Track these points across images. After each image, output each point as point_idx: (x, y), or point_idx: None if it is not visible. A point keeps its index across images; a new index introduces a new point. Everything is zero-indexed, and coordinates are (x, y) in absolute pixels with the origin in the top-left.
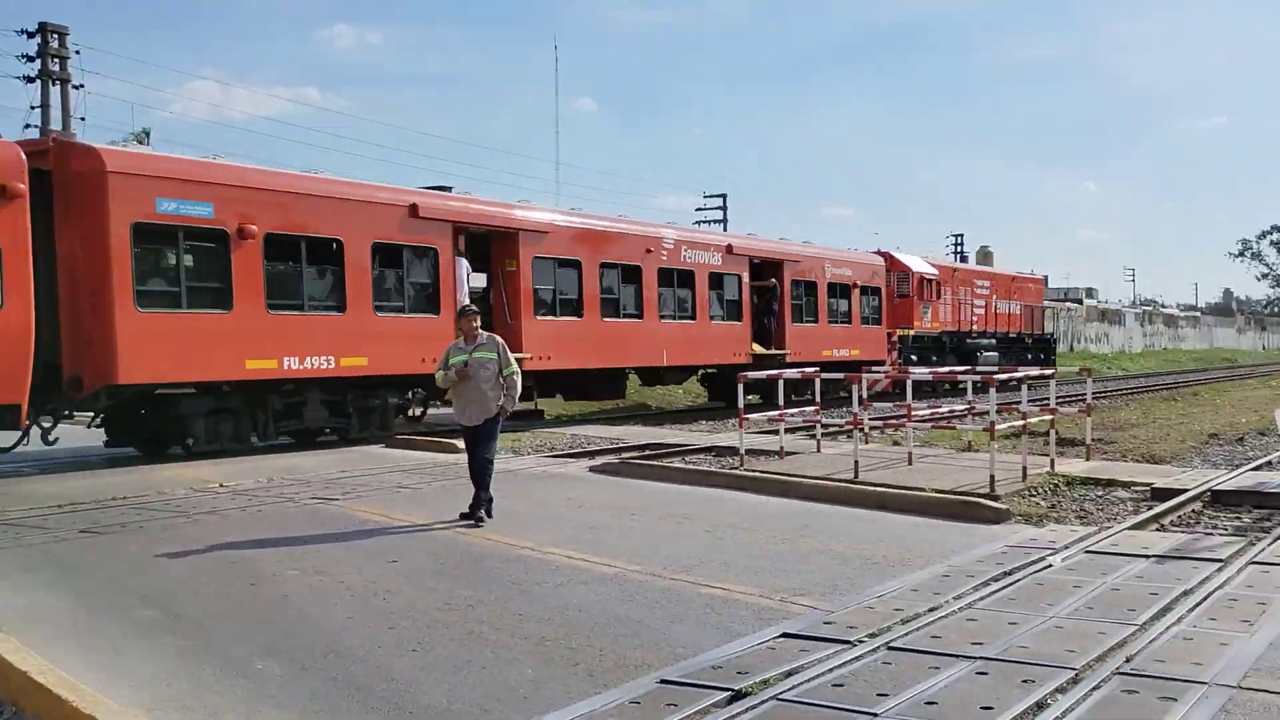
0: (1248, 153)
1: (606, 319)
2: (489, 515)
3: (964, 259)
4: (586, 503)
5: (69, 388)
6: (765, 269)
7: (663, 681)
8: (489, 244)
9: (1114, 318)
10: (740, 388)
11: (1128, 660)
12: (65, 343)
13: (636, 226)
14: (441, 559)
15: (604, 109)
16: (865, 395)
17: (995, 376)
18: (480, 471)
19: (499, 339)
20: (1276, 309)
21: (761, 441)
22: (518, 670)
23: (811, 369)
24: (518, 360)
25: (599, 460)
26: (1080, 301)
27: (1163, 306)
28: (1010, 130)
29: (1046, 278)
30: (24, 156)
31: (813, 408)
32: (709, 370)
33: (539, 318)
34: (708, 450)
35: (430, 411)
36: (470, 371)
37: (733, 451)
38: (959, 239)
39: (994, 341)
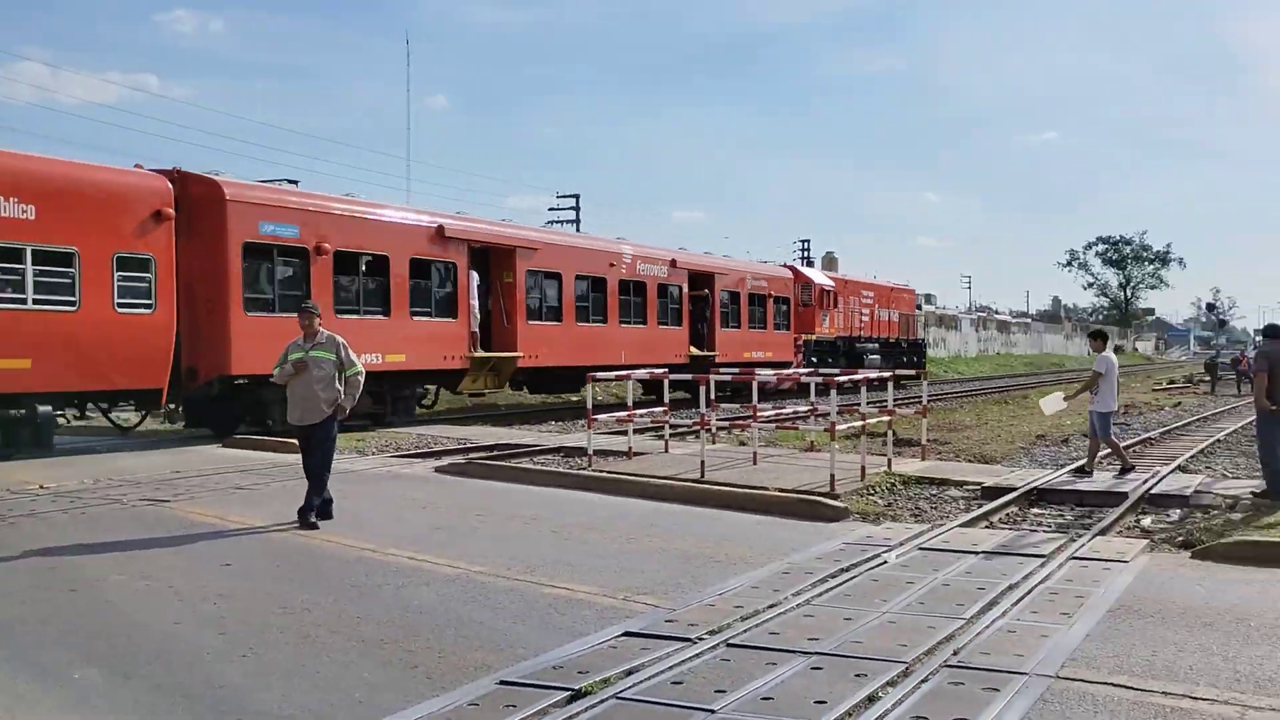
0: (1076, 167)
1: (580, 323)
2: (327, 516)
3: (810, 264)
4: (431, 503)
5: (185, 378)
6: (699, 280)
7: (503, 682)
8: (487, 258)
9: (951, 323)
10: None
11: (955, 653)
12: (184, 340)
13: (601, 243)
14: (278, 561)
15: (457, 106)
16: (758, 395)
17: (837, 379)
18: (316, 474)
19: (340, 339)
20: (1100, 316)
21: (610, 442)
22: (354, 674)
23: (735, 370)
24: (511, 358)
25: (445, 460)
26: (920, 307)
27: (996, 313)
28: (854, 141)
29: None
30: (170, 185)
31: (660, 408)
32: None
33: (530, 322)
34: (556, 451)
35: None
36: (305, 370)
37: (581, 452)
38: (806, 244)
39: (877, 346)
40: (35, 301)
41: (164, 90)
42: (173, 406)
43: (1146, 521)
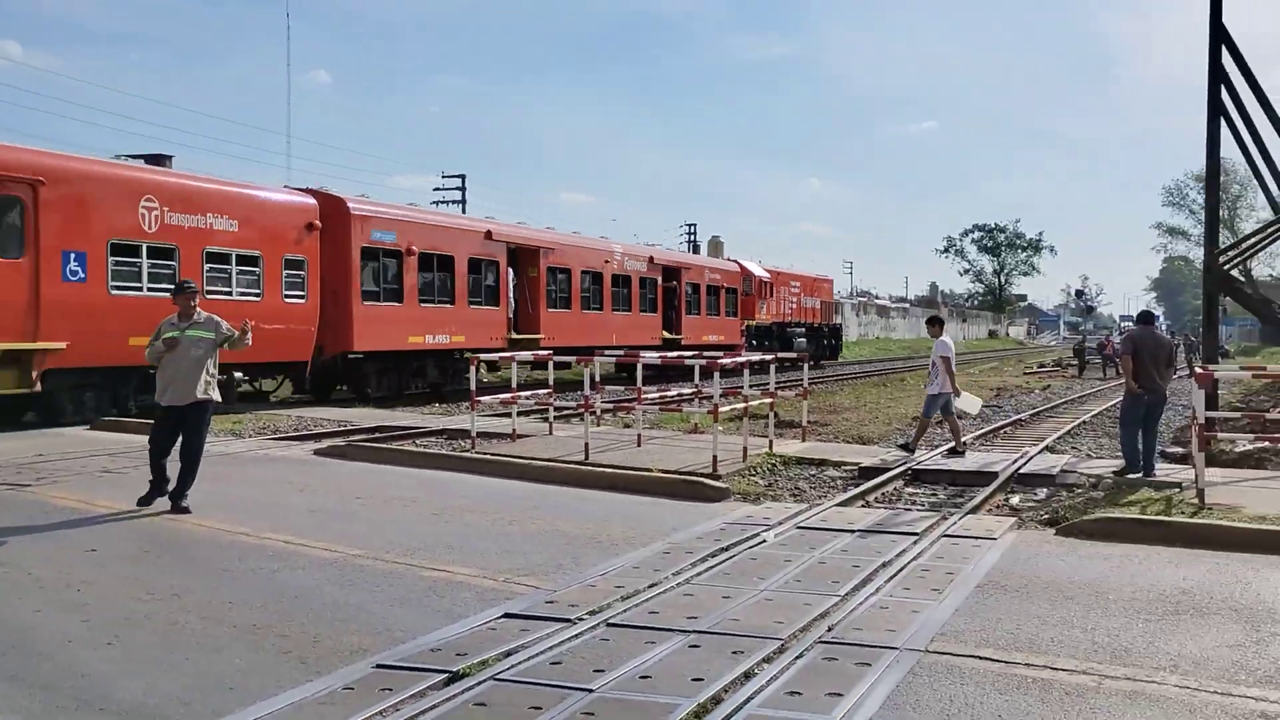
0: (954, 157)
1: (584, 311)
2: (184, 503)
3: (696, 248)
4: (309, 486)
5: (315, 354)
6: (670, 274)
7: (379, 666)
8: (518, 256)
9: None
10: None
11: (830, 629)
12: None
13: (599, 242)
14: (146, 547)
15: (340, 83)
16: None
17: (720, 361)
18: (195, 457)
19: (220, 319)
20: (976, 302)
21: (494, 424)
22: (225, 660)
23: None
24: (536, 339)
25: (325, 443)
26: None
27: (876, 298)
28: (741, 127)
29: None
30: (317, 203)
31: (545, 390)
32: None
33: (549, 310)
34: (439, 433)
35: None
36: (177, 349)
37: (465, 434)
38: (692, 228)
39: (804, 330)
40: (239, 294)
41: (28, 59)
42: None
43: (1015, 500)
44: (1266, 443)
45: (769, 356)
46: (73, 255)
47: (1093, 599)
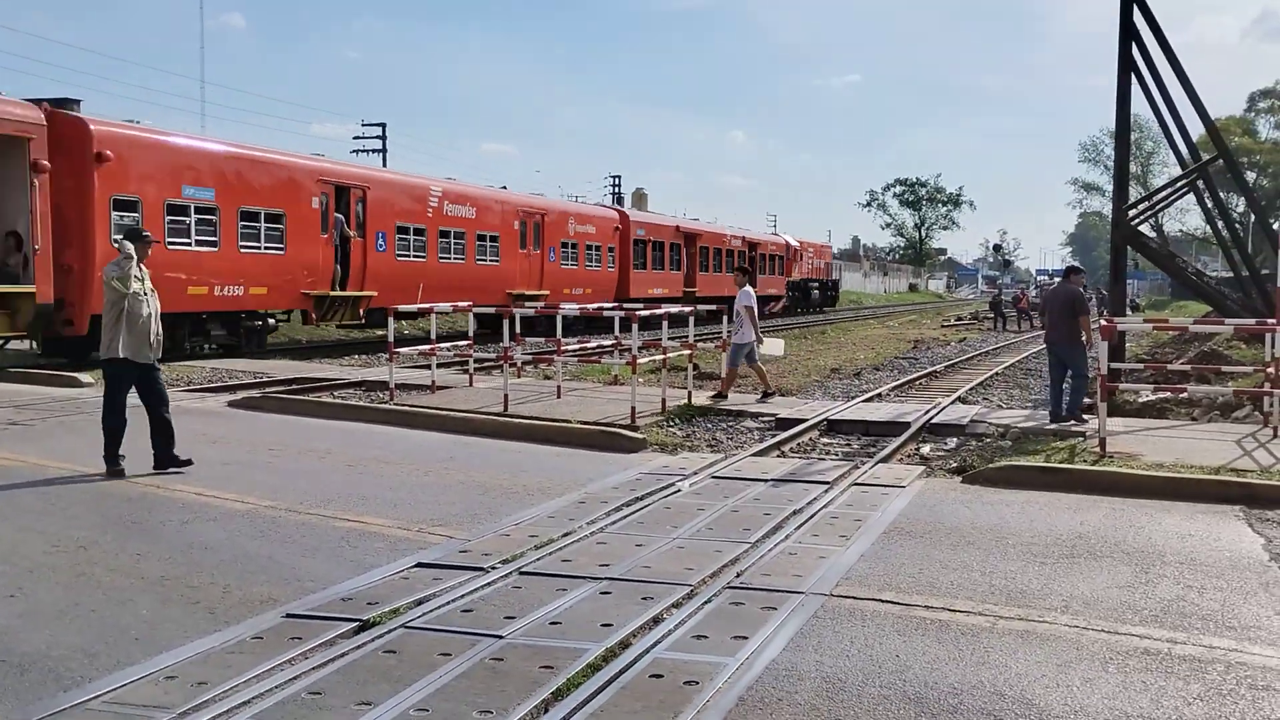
0: (877, 111)
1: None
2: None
3: (620, 200)
4: (222, 438)
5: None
6: (752, 245)
7: (289, 615)
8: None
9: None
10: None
11: (738, 575)
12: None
13: (717, 227)
14: (52, 499)
15: (255, 26)
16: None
17: (638, 313)
18: (166, 414)
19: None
20: (897, 255)
21: (413, 376)
22: (132, 612)
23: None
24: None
25: (239, 395)
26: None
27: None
28: (665, 77)
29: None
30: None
31: (465, 341)
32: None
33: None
34: (358, 385)
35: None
36: (150, 303)
37: (383, 386)
38: (616, 180)
39: (817, 284)
40: (476, 261)
41: None
42: None
43: (926, 449)
44: (1169, 393)
45: (688, 309)
46: (380, 235)
47: (993, 544)
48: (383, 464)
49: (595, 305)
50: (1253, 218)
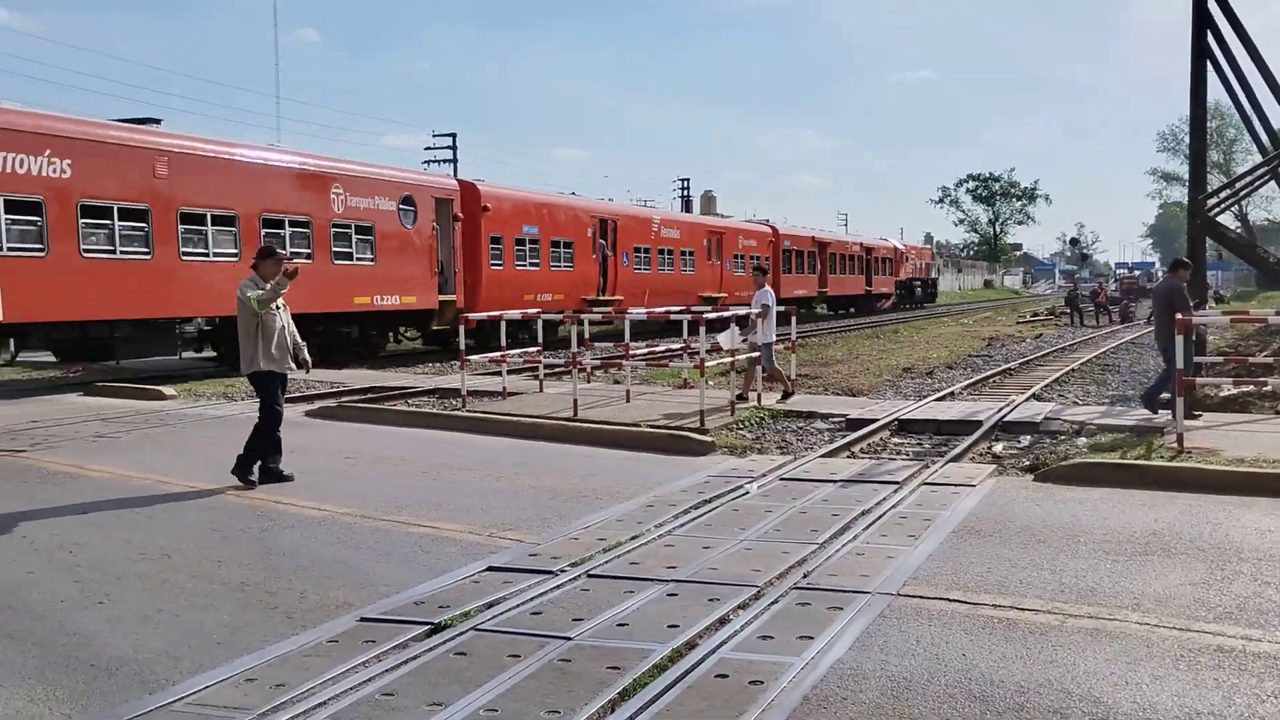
0: (950, 106)
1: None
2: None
3: (689, 203)
4: (300, 447)
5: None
6: (868, 249)
7: (363, 619)
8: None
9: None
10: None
11: (805, 576)
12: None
13: (847, 235)
14: (137, 509)
15: (327, 40)
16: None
17: (705, 316)
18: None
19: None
20: (971, 252)
21: (485, 383)
22: (213, 616)
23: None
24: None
25: (316, 405)
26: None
27: None
28: (735, 78)
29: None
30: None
31: (535, 348)
32: None
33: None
34: (431, 393)
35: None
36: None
37: (456, 393)
38: (685, 183)
39: (919, 282)
40: (680, 272)
41: (15, 24)
42: None
43: (998, 448)
44: (1250, 386)
45: (741, 311)
46: (624, 254)
47: (1064, 541)
48: (455, 470)
49: (677, 308)
50: None
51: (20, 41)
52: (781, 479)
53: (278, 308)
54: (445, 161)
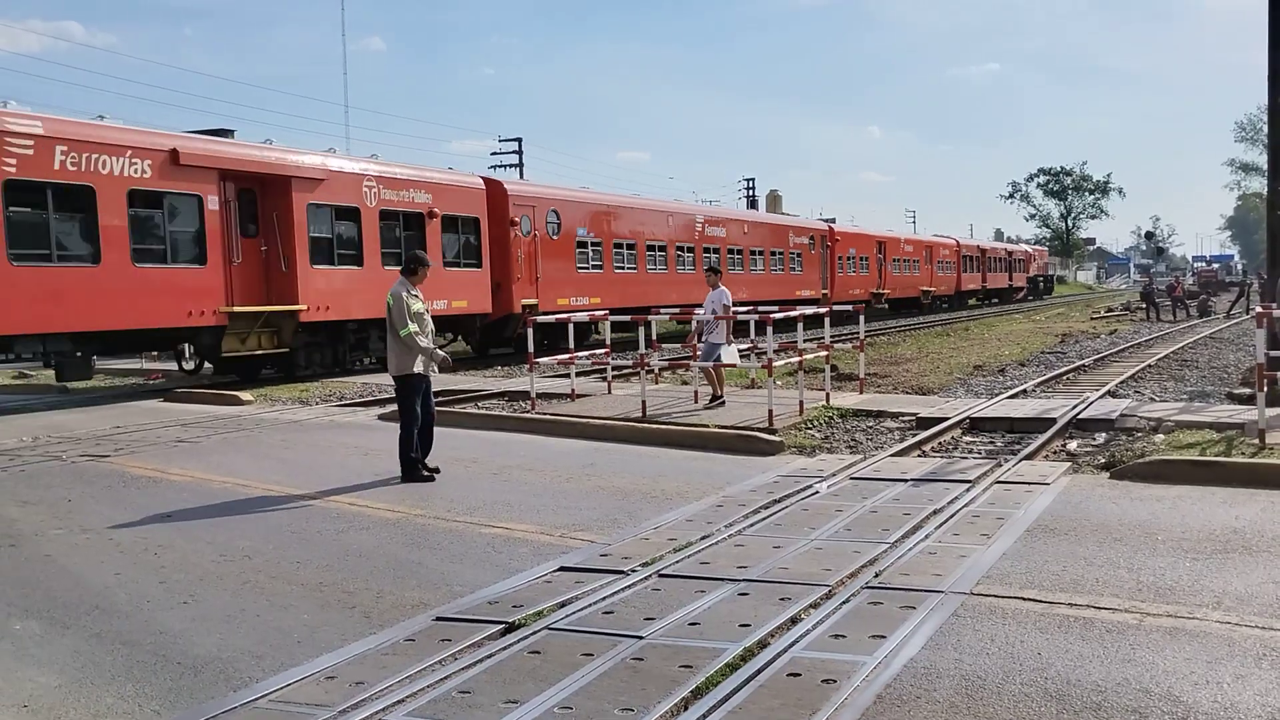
0: (1016, 98)
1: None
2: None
3: (754, 202)
4: (373, 450)
5: None
6: (987, 251)
7: (439, 618)
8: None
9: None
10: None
11: (877, 575)
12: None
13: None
14: (218, 511)
15: (394, 49)
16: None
17: (772, 316)
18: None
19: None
20: (1044, 247)
21: (554, 386)
22: (293, 616)
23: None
24: None
25: (389, 408)
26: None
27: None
28: (797, 74)
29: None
30: None
31: (602, 350)
32: None
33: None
34: (500, 395)
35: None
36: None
37: (525, 396)
38: (750, 183)
39: (1042, 279)
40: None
41: (89, 39)
42: None
43: (1073, 445)
44: None
45: (809, 311)
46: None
47: (1141, 540)
48: (526, 471)
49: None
50: None
51: (96, 57)
52: (851, 478)
53: (425, 312)
54: (511, 166)
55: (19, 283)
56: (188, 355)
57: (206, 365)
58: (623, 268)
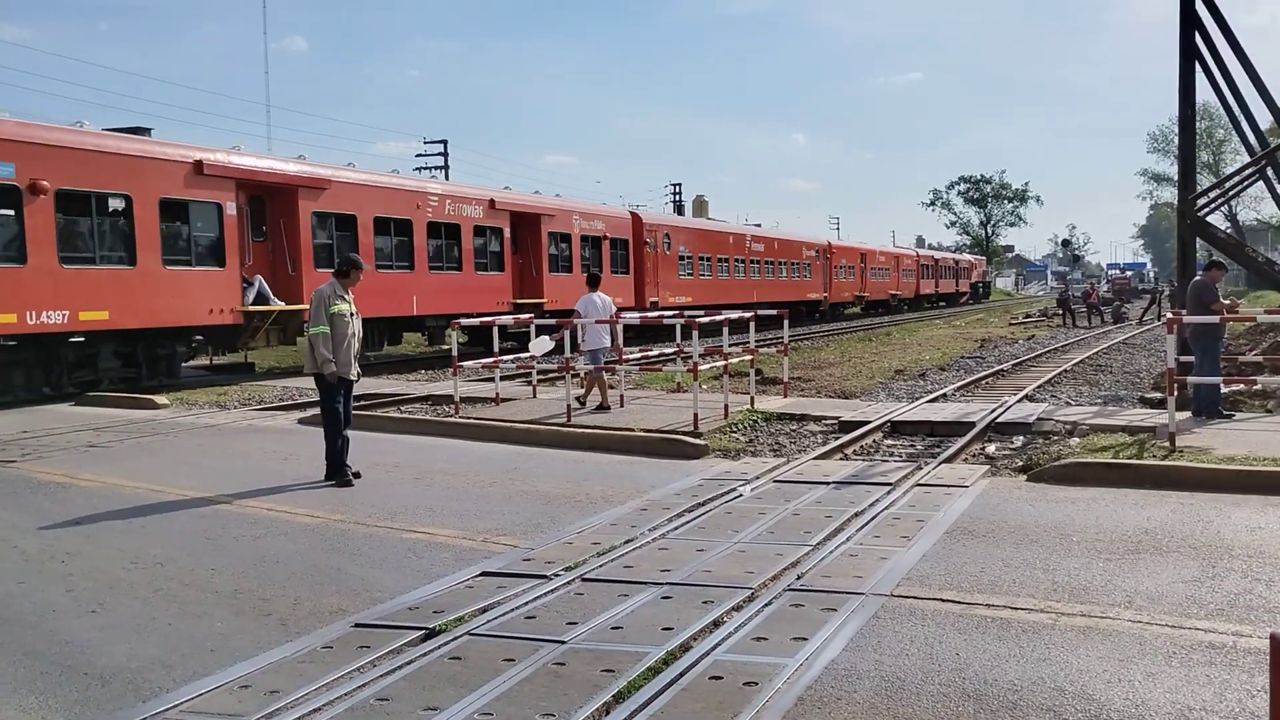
0: (939, 108)
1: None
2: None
3: (681, 208)
4: (293, 455)
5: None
6: (937, 259)
7: (358, 625)
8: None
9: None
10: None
11: (799, 578)
12: None
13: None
14: (130, 518)
15: (316, 48)
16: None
17: (698, 320)
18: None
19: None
20: (963, 254)
21: (478, 390)
22: (206, 624)
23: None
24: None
25: (309, 412)
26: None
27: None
28: (724, 82)
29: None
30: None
31: (527, 354)
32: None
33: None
34: (424, 400)
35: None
36: (351, 324)
37: (449, 400)
38: (677, 188)
39: (981, 285)
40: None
41: (2, 34)
42: None
43: (992, 448)
44: (1241, 385)
45: (734, 315)
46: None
47: (1057, 541)
48: (448, 476)
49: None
50: None
51: (8, 51)
52: (775, 481)
53: (351, 315)
54: (437, 169)
55: None
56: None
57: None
58: (705, 275)
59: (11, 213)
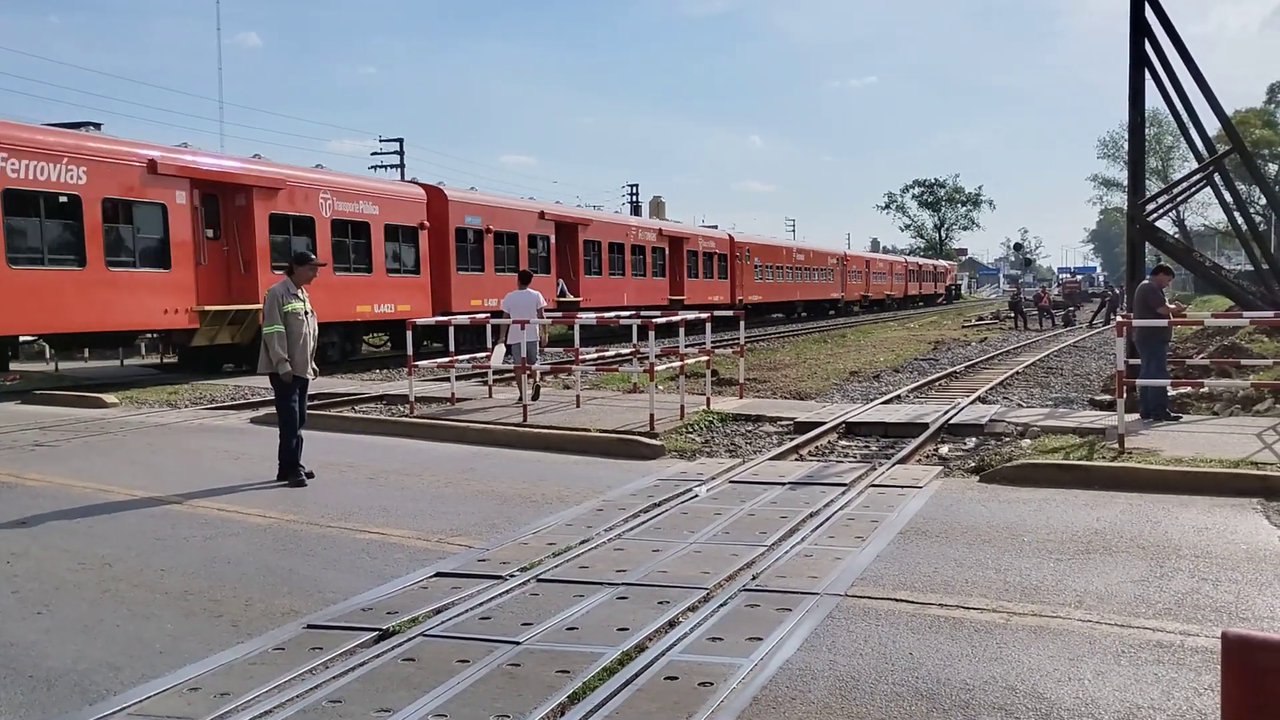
0: (894, 112)
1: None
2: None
3: (638, 209)
4: (245, 454)
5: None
6: (922, 266)
7: (310, 626)
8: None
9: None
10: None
11: (754, 578)
12: None
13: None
14: (77, 518)
15: (270, 45)
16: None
17: (654, 320)
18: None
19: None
20: (917, 257)
21: (433, 389)
22: (155, 626)
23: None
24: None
25: (261, 411)
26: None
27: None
28: (682, 84)
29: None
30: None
31: (484, 353)
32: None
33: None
34: (379, 399)
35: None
36: (306, 322)
37: (404, 400)
38: (634, 189)
39: (953, 288)
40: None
41: None
42: None
43: (945, 450)
44: (1188, 388)
45: (691, 316)
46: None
47: (1009, 541)
48: (403, 476)
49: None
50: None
51: None
52: (730, 481)
53: (306, 314)
54: (393, 167)
55: None
56: None
57: None
58: (769, 279)
59: None
